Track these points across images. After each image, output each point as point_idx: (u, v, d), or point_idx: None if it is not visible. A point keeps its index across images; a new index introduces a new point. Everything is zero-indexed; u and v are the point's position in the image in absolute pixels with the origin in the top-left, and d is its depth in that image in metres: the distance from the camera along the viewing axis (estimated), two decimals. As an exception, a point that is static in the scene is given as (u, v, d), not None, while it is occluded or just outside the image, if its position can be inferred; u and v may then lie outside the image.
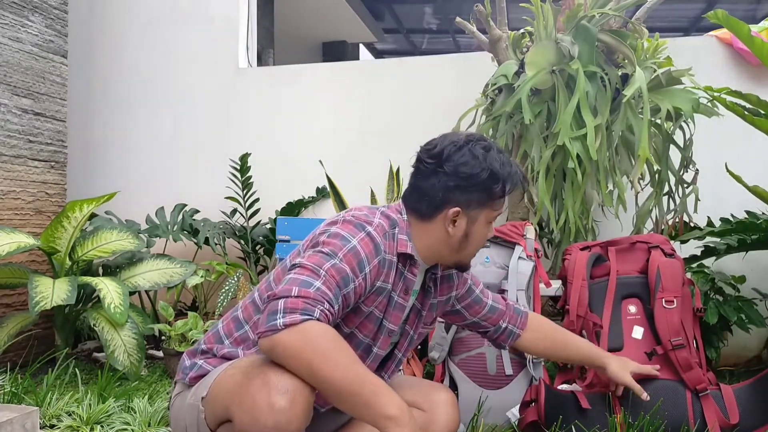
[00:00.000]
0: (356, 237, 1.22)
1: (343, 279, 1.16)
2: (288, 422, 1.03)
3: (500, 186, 1.29)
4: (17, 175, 2.84)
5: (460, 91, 3.07)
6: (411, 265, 1.31)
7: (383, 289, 1.27)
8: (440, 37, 8.25)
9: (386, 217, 1.30)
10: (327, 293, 1.12)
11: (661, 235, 2.40)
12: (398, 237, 1.29)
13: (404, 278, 1.30)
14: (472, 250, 1.35)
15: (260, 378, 1.05)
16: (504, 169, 1.29)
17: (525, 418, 1.86)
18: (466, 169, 1.27)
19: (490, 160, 1.28)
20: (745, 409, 1.76)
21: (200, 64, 3.57)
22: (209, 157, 3.51)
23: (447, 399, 1.43)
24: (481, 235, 1.34)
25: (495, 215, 1.35)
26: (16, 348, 2.68)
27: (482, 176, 1.27)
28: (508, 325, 1.57)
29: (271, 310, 1.07)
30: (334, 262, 1.16)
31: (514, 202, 2.72)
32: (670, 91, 2.41)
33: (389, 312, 1.30)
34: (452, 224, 1.30)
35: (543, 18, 2.47)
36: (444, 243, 1.32)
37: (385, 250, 1.25)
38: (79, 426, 1.93)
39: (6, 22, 2.77)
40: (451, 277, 1.47)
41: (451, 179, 1.27)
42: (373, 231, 1.24)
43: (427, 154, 1.31)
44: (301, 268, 1.14)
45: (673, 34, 6.61)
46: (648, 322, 1.95)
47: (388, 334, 1.32)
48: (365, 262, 1.20)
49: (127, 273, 2.81)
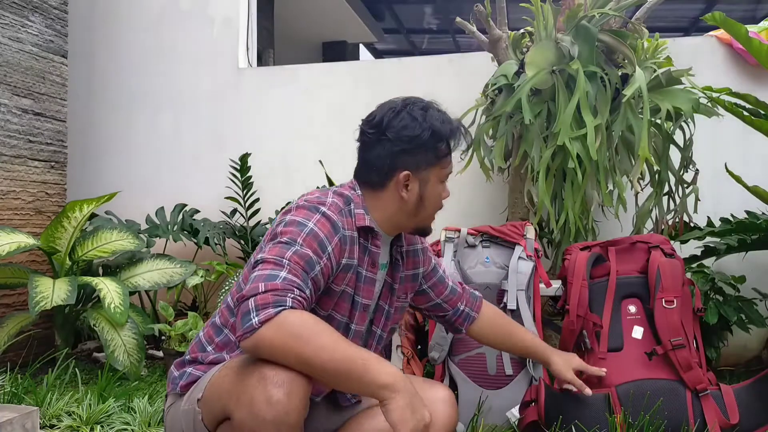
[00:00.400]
0: (312, 219, 1.22)
1: (308, 263, 1.16)
2: (286, 414, 1.03)
3: (444, 143, 1.31)
4: (17, 175, 2.84)
5: (460, 91, 3.06)
6: (373, 237, 1.31)
7: (350, 266, 1.27)
8: (440, 37, 8.25)
9: (339, 195, 1.31)
10: (294, 280, 1.12)
11: (661, 235, 2.40)
12: (355, 212, 1.29)
13: (368, 251, 1.31)
14: (430, 211, 1.36)
15: (255, 374, 1.06)
16: (445, 126, 1.31)
17: (525, 418, 1.86)
18: (407, 132, 1.28)
19: (429, 119, 1.30)
20: (745, 409, 1.77)
21: (200, 64, 3.57)
22: (209, 157, 3.51)
23: (444, 397, 1.43)
24: (435, 194, 1.35)
25: (446, 173, 1.36)
26: (16, 348, 2.68)
27: (424, 136, 1.29)
28: (465, 307, 1.58)
29: (244, 311, 1.07)
30: (295, 248, 1.16)
31: (514, 202, 2.72)
32: (670, 91, 2.41)
33: (360, 287, 1.30)
34: (405, 189, 1.31)
35: (543, 18, 2.47)
36: (401, 209, 1.33)
37: (343, 226, 1.25)
38: (79, 426, 1.93)
39: (6, 22, 2.78)
40: (417, 252, 1.49)
41: (395, 144, 1.29)
42: (328, 210, 1.25)
43: (368, 125, 1.33)
44: (264, 263, 1.14)
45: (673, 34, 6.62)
46: (648, 322, 1.95)
47: (363, 309, 1.32)
48: (326, 242, 1.20)
49: (127, 273, 2.81)
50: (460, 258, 2.19)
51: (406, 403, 1.05)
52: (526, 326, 2.03)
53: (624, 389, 1.83)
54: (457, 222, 2.62)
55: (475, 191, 3.11)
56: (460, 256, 2.19)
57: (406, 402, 1.05)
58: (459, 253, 2.20)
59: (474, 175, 2.91)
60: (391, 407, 1.04)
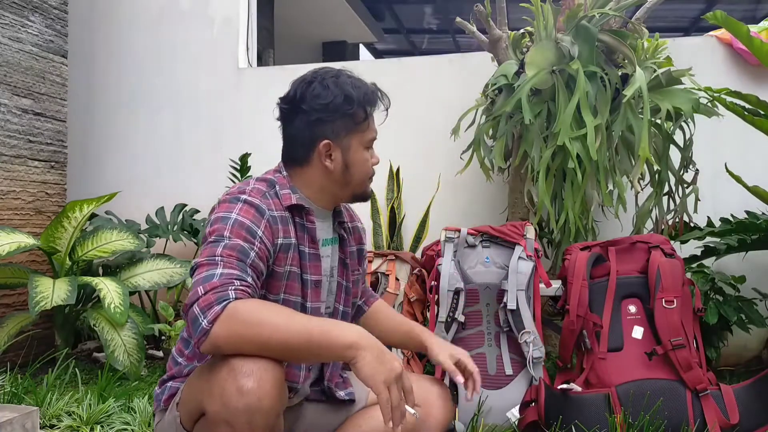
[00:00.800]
0: (234, 210, 1.22)
1: (240, 252, 1.16)
2: (259, 401, 1.03)
3: (358, 106, 1.30)
4: (17, 175, 2.84)
5: (460, 91, 3.07)
6: (306, 213, 1.31)
7: (289, 245, 1.27)
8: (440, 37, 8.25)
9: (262, 180, 1.32)
10: (232, 273, 1.12)
11: (661, 235, 2.40)
12: (281, 193, 1.30)
13: (305, 228, 1.31)
14: (360, 177, 1.36)
15: (224, 367, 1.06)
16: (358, 90, 1.31)
17: (525, 418, 1.86)
18: (320, 100, 1.29)
19: (341, 85, 1.30)
20: (745, 409, 1.77)
21: (200, 64, 3.57)
22: (209, 157, 3.51)
23: (440, 392, 1.43)
24: (361, 160, 1.34)
25: (368, 139, 1.36)
26: (16, 348, 2.68)
27: (337, 102, 1.28)
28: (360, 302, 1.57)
29: (192, 318, 1.08)
30: (224, 243, 1.17)
31: (514, 202, 2.72)
32: (670, 91, 2.41)
33: (305, 265, 1.30)
34: (328, 158, 1.31)
35: (543, 18, 2.47)
36: (329, 180, 1.33)
37: (269, 208, 1.25)
38: (79, 426, 1.93)
39: (6, 22, 2.78)
40: (358, 229, 1.50)
41: (310, 115, 1.29)
42: (249, 197, 1.25)
43: (283, 101, 1.35)
44: (200, 266, 1.15)
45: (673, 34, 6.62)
46: (648, 322, 1.95)
47: (315, 286, 1.32)
48: (253, 227, 1.20)
49: (127, 273, 2.81)
50: (460, 258, 2.19)
51: (374, 357, 1.05)
52: (526, 326, 2.03)
53: (624, 389, 1.83)
54: (457, 222, 2.62)
55: (475, 191, 3.11)
56: (460, 256, 2.19)
57: (374, 355, 1.05)
58: (459, 253, 2.20)
59: (474, 175, 2.91)
60: (360, 364, 1.05)
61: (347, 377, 1.45)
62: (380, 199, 3.20)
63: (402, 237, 3.17)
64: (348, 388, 1.42)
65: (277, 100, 1.37)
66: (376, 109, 1.37)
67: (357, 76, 1.35)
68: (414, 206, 3.19)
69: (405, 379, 1.09)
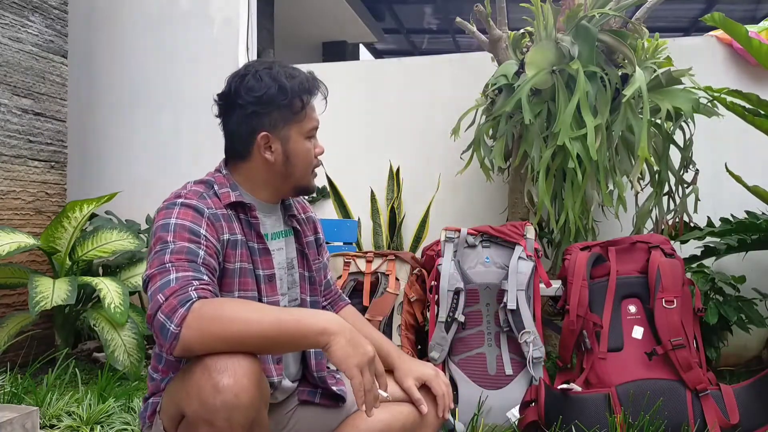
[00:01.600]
0: (172, 215, 1.22)
1: (189, 253, 1.15)
2: (236, 397, 1.03)
3: (294, 96, 1.28)
4: (17, 175, 2.84)
5: (460, 91, 3.07)
6: (249, 209, 1.31)
7: (236, 242, 1.26)
8: (440, 37, 8.25)
9: (199, 182, 1.32)
10: (187, 275, 1.12)
11: (661, 235, 2.40)
12: (219, 192, 1.29)
13: (250, 224, 1.30)
14: (302, 168, 1.34)
15: (198, 366, 1.06)
16: (292, 80, 1.29)
17: (525, 418, 1.86)
18: (254, 93, 1.27)
19: (274, 76, 1.28)
20: (745, 409, 1.77)
21: (200, 64, 3.57)
22: (209, 157, 3.49)
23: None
24: (303, 151, 1.33)
25: (308, 128, 1.33)
26: (16, 348, 2.68)
27: (271, 93, 1.27)
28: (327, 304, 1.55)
29: (158, 327, 1.07)
30: (170, 248, 1.16)
31: (514, 202, 2.72)
32: (670, 91, 2.41)
33: (256, 260, 1.29)
34: (268, 150, 1.30)
35: (543, 18, 2.47)
36: (271, 173, 1.32)
37: (208, 206, 1.25)
38: (79, 426, 1.93)
39: (6, 22, 2.78)
40: (312, 219, 1.50)
41: (246, 108, 1.28)
42: (185, 200, 1.24)
43: (219, 97, 1.33)
44: (152, 278, 1.14)
45: (673, 34, 6.62)
46: (648, 322, 1.95)
47: (269, 280, 1.31)
48: (194, 227, 1.20)
49: (127, 273, 2.81)
50: (460, 258, 2.19)
51: (347, 341, 1.06)
52: (526, 326, 2.03)
53: (624, 389, 1.83)
54: (457, 222, 2.62)
55: (475, 191, 3.11)
56: (460, 256, 2.19)
57: (347, 340, 1.06)
58: (459, 253, 2.20)
59: (474, 175, 2.91)
60: (333, 348, 1.05)
61: (340, 378, 1.44)
62: (380, 199, 3.20)
63: (402, 237, 3.17)
64: (340, 387, 1.42)
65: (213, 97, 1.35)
66: (315, 98, 1.35)
67: (292, 66, 1.33)
68: (414, 206, 3.19)
69: (377, 363, 1.10)
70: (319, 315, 1.09)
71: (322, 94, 1.36)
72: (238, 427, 1.04)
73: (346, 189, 3.16)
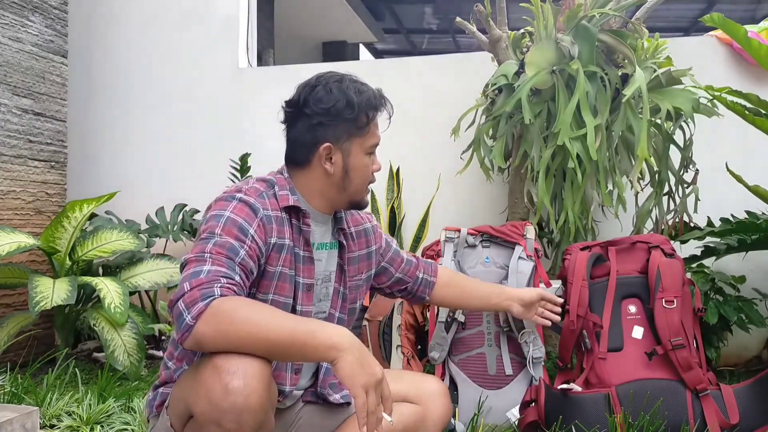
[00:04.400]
0: (228, 208, 1.23)
1: (230, 250, 1.16)
2: (246, 399, 1.03)
3: (360, 111, 1.31)
4: (17, 175, 2.84)
5: (460, 91, 3.07)
6: (303, 216, 1.32)
7: (282, 245, 1.27)
8: (440, 37, 8.25)
9: (262, 181, 1.33)
10: (220, 270, 1.12)
11: (661, 235, 2.40)
12: (279, 194, 1.31)
13: (300, 230, 1.31)
14: (359, 182, 1.36)
15: (209, 366, 1.06)
16: (360, 95, 1.31)
17: (525, 418, 1.86)
18: (323, 104, 1.30)
19: (344, 89, 1.31)
20: (745, 409, 1.77)
21: (200, 64, 3.57)
22: (209, 157, 3.51)
23: (438, 389, 1.42)
24: (361, 166, 1.35)
25: (370, 144, 1.36)
26: (16, 348, 2.68)
27: (339, 106, 1.29)
28: (423, 275, 1.59)
29: (176, 314, 1.08)
30: (215, 240, 1.17)
31: (514, 202, 2.72)
32: (670, 91, 2.41)
33: (299, 267, 1.30)
34: (329, 162, 1.32)
35: (543, 18, 2.47)
36: (328, 183, 1.34)
37: (264, 207, 1.26)
38: (79, 426, 1.93)
39: (6, 22, 2.78)
40: (366, 231, 1.50)
41: (313, 118, 1.30)
42: (244, 196, 1.25)
43: (287, 105, 1.36)
44: (188, 263, 1.15)
45: (673, 34, 6.62)
46: (648, 322, 1.95)
47: (307, 289, 1.32)
48: (246, 225, 1.21)
49: (127, 273, 2.81)
50: (460, 258, 2.19)
51: (356, 359, 1.05)
52: (526, 326, 2.04)
53: (624, 389, 1.83)
54: (457, 222, 2.62)
55: (475, 191, 3.11)
56: (460, 256, 2.19)
57: (355, 358, 1.05)
58: (459, 253, 2.20)
59: (474, 175, 2.91)
60: (340, 365, 1.05)
61: None
62: (380, 199, 3.20)
63: (402, 237, 3.17)
64: (344, 391, 1.42)
65: (282, 104, 1.37)
66: (379, 115, 1.37)
67: (361, 81, 1.36)
68: (414, 206, 3.19)
69: (384, 385, 1.09)
70: (332, 329, 1.08)
71: (388, 113, 1.38)
72: (246, 429, 1.04)
73: (346, 189, 3.16)
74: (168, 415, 1.21)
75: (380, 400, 1.07)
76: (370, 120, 1.34)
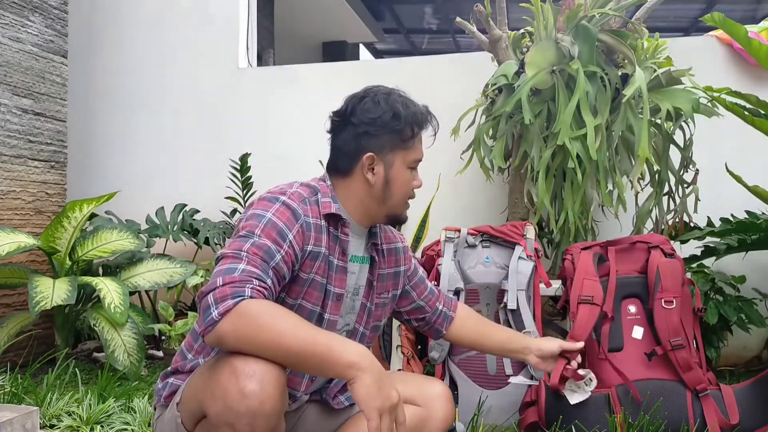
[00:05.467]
0: (270, 209, 1.23)
1: (267, 253, 1.16)
2: (261, 404, 1.03)
3: (405, 124, 1.32)
4: (17, 175, 2.84)
5: (460, 91, 3.07)
6: (342, 225, 1.32)
7: (318, 254, 1.27)
8: (440, 37, 8.25)
9: (306, 186, 1.34)
10: (254, 271, 1.12)
11: (661, 235, 2.40)
12: (321, 200, 1.31)
13: (338, 240, 1.31)
14: (399, 195, 1.36)
15: (227, 367, 1.06)
16: (407, 109, 1.33)
17: (525, 419, 1.86)
18: (369, 114, 1.31)
19: (391, 102, 1.32)
20: (745, 409, 1.77)
21: (200, 64, 3.57)
22: (209, 157, 3.51)
23: (441, 392, 1.42)
24: (403, 179, 1.35)
25: (413, 159, 1.36)
26: (16, 348, 2.68)
27: (386, 118, 1.31)
28: (443, 308, 1.56)
29: (204, 306, 1.08)
30: (254, 240, 1.17)
31: (514, 202, 2.72)
32: (670, 91, 2.41)
33: (331, 276, 1.30)
34: (371, 172, 1.32)
35: (543, 18, 2.47)
36: (368, 194, 1.34)
37: (305, 214, 1.26)
38: (79, 426, 1.93)
39: (6, 22, 2.78)
40: (398, 250, 1.50)
41: (358, 128, 1.32)
42: (288, 199, 1.26)
43: (335, 114, 1.37)
44: (224, 258, 1.15)
45: (673, 34, 6.62)
46: (648, 322, 1.95)
47: (336, 299, 1.31)
48: (285, 230, 1.21)
49: (127, 273, 2.81)
50: (460, 258, 2.19)
51: (373, 381, 1.04)
52: (527, 326, 2.04)
53: (624, 389, 1.83)
54: (457, 222, 2.62)
55: (475, 191, 3.11)
56: (460, 256, 2.19)
57: (373, 380, 1.04)
58: (459, 253, 2.20)
59: (474, 175, 2.91)
60: (357, 385, 1.04)
61: None
62: (380, 199, 3.20)
63: (402, 237, 3.16)
64: (348, 392, 1.42)
65: (329, 114, 1.39)
66: (425, 132, 1.38)
67: (409, 97, 1.37)
68: (414, 206, 3.17)
69: (400, 410, 1.07)
70: (353, 347, 1.07)
71: (434, 129, 1.39)
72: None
73: (346, 189, 3.16)
74: (178, 411, 1.20)
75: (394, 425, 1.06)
76: (414, 134, 1.35)
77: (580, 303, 1.92)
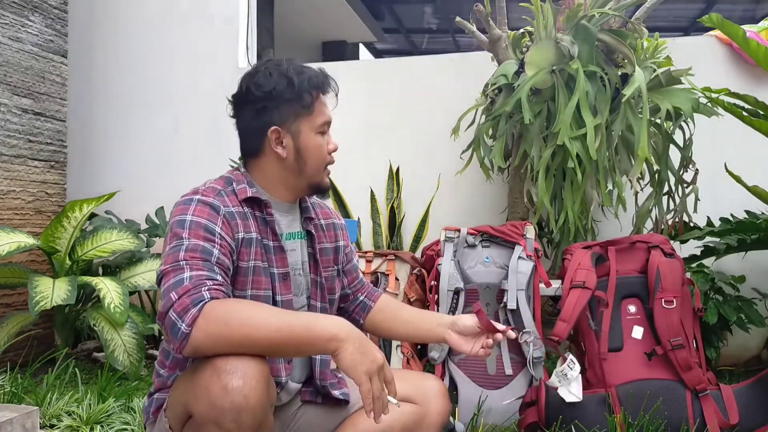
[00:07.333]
0: (188, 211, 1.22)
1: (203, 252, 1.16)
2: (245, 398, 1.03)
3: (303, 90, 1.29)
4: (17, 174, 2.84)
5: (460, 91, 3.07)
6: (265, 206, 1.31)
7: (251, 240, 1.26)
8: (440, 37, 8.25)
9: (219, 179, 1.34)
10: (201, 274, 1.12)
11: (661, 235, 2.40)
12: (237, 188, 1.30)
13: (265, 221, 1.31)
14: (314, 163, 1.34)
15: (208, 367, 1.06)
16: (301, 75, 1.30)
17: (525, 419, 1.86)
18: (264, 88, 1.29)
19: (283, 71, 1.30)
20: (745, 409, 1.77)
21: (200, 64, 3.57)
22: (209, 157, 3.51)
23: (437, 388, 1.42)
24: (314, 146, 1.33)
25: (319, 122, 1.33)
26: (16, 348, 2.68)
27: (280, 88, 1.29)
28: (364, 297, 1.53)
29: (169, 324, 1.07)
30: (185, 245, 1.16)
31: (513, 201, 2.72)
32: (670, 90, 2.41)
33: (271, 258, 1.29)
34: (279, 145, 1.31)
35: (543, 18, 2.47)
36: (283, 168, 1.33)
37: (225, 204, 1.25)
38: (79, 426, 1.93)
39: (6, 22, 2.78)
40: (336, 226, 1.49)
41: (257, 104, 1.30)
42: (202, 196, 1.25)
43: (232, 97, 1.36)
44: (166, 274, 1.14)
45: (673, 34, 6.62)
46: (648, 322, 1.95)
47: (283, 279, 1.31)
48: (210, 225, 1.20)
49: (127, 273, 2.81)
50: (459, 258, 2.19)
51: (355, 348, 1.06)
52: (527, 326, 2.04)
53: (624, 389, 1.83)
54: (457, 222, 2.62)
55: (475, 191, 3.11)
56: (460, 256, 2.20)
57: (355, 347, 1.06)
58: (459, 253, 2.20)
59: (474, 174, 2.91)
60: (342, 355, 1.05)
61: (342, 378, 1.44)
62: (380, 199, 3.20)
63: (402, 237, 3.17)
64: (343, 389, 1.42)
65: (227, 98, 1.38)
66: (326, 95, 1.36)
67: (303, 63, 1.35)
68: (414, 206, 3.19)
69: (386, 370, 1.10)
70: (329, 320, 1.09)
71: (333, 91, 1.37)
72: (246, 428, 1.04)
73: (345, 189, 3.16)
74: (166, 417, 1.20)
75: (383, 384, 1.08)
76: (314, 98, 1.32)
77: (571, 288, 1.93)
